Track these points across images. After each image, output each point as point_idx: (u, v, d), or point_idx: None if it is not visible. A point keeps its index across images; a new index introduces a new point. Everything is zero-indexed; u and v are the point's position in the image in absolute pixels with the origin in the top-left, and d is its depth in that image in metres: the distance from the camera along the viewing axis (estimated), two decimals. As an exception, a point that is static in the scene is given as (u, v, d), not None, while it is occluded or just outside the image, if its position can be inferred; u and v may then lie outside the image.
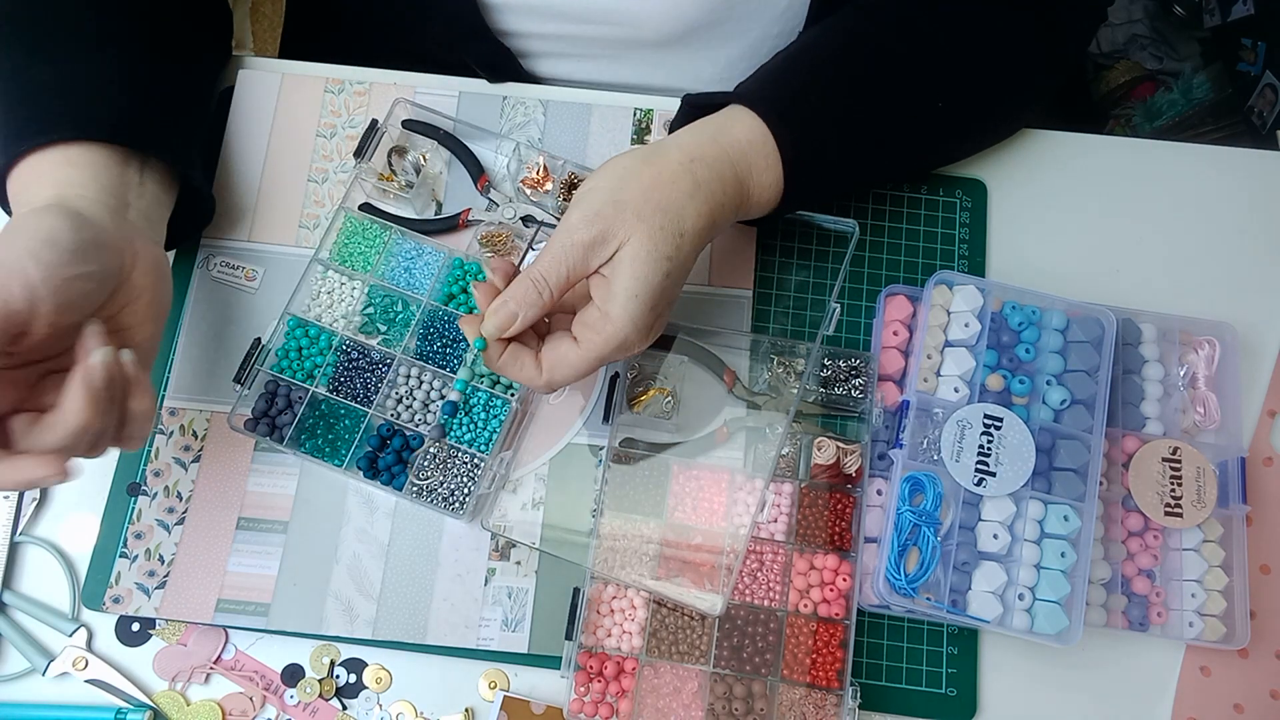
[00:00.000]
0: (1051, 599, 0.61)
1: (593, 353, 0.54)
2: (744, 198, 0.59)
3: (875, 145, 0.66)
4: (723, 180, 0.57)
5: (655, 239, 0.53)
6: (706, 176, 0.56)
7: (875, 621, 0.64)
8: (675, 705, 0.60)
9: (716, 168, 0.57)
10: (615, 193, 0.54)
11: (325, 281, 0.67)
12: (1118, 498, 0.65)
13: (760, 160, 0.59)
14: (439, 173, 0.72)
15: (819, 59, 0.64)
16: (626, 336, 0.54)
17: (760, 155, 0.59)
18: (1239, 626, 0.63)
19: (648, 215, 0.53)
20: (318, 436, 0.64)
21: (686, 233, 0.54)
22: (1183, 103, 1.38)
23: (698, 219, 0.55)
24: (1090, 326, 0.65)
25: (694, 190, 0.55)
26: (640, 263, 0.53)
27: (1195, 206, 0.74)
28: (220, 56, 0.74)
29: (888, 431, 0.66)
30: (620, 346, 0.54)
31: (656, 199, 0.54)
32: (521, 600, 0.63)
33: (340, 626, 0.62)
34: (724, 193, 0.57)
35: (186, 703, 0.61)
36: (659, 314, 0.55)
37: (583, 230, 0.53)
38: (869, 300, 0.71)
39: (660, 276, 0.53)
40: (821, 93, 0.62)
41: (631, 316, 0.53)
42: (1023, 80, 0.70)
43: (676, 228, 0.54)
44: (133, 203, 0.57)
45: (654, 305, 0.54)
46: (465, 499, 0.63)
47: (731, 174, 0.58)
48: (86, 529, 0.64)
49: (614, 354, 0.55)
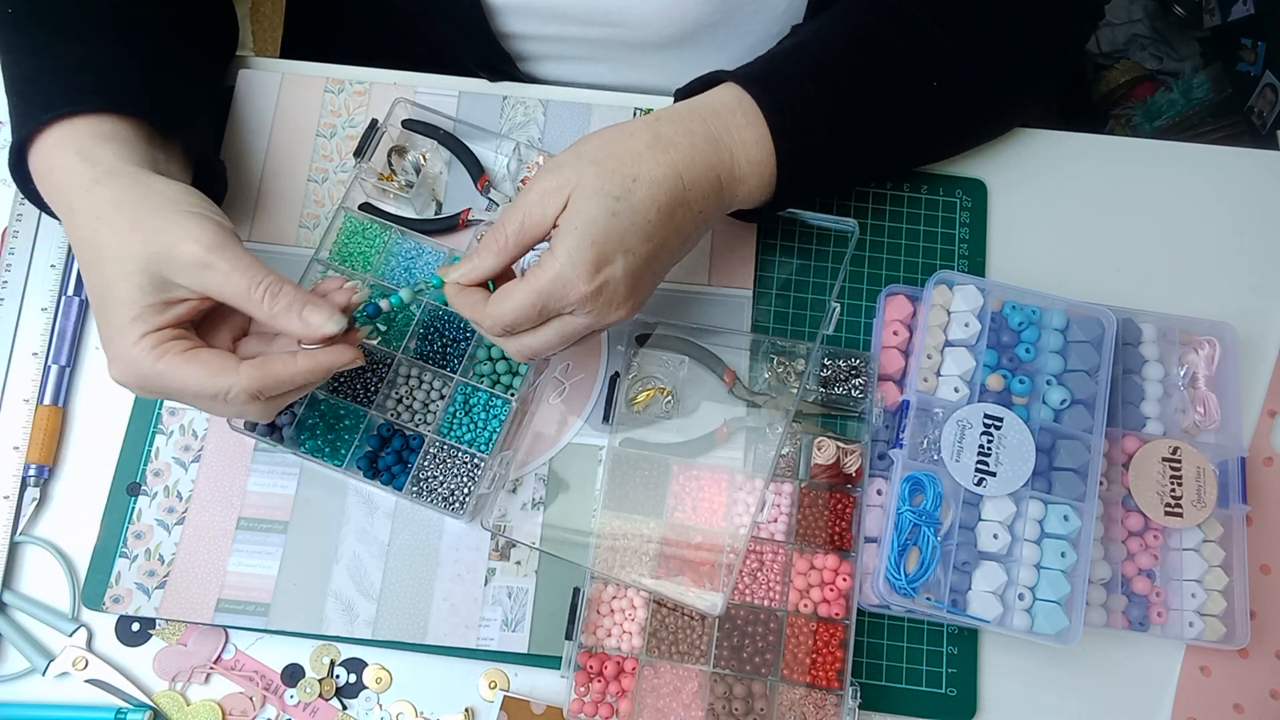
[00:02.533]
0: (1051, 599, 0.61)
1: (529, 284, 0.53)
2: (721, 157, 0.57)
3: (870, 128, 0.64)
4: (690, 134, 0.56)
5: (603, 178, 0.53)
6: (670, 130, 0.56)
7: (875, 621, 0.64)
8: (675, 705, 0.60)
9: (684, 123, 0.57)
10: (575, 146, 0.56)
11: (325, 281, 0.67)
12: (1118, 498, 0.65)
13: (738, 118, 0.58)
14: (439, 173, 0.72)
15: (810, 45, 0.63)
16: (563, 271, 0.52)
17: (737, 113, 0.58)
18: (1239, 626, 0.63)
19: (600, 159, 0.54)
20: (318, 436, 0.64)
21: (641, 178, 0.54)
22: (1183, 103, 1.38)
23: (655, 166, 0.54)
24: (1090, 326, 0.65)
25: (653, 141, 0.55)
26: (583, 199, 0.53)
27: (1195, 206, 0.74)
28: (229, 46, 0.75)
29: (888, 431, 0.66)
30: (558, 281, 0.53)
31: (612, 147, 0.55)
32: (521, 600, 0.63)
33: (340, 626, 0.62)
34: (692, 146, 0.56)
35: (186, 703, 0.61)
36: (605, 259, 0.53)
37: (538, 179, 0.54)
38: (869, 300, 0.71)
39: (605, 215, 0.53)
40: (809, 70, 0.61)
41: (569, 250, 0.52)
42: (1021, 76, 0.70)
43: (629, 171, 0.54)
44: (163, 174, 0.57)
45: (597, 244, 0.52)
46: (465, 499, 0.63)
47: (702, 129, 0.57)
48: (86, 529, 0.64)
49: (554, 290, 0.53)
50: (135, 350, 0.51)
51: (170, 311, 0.52)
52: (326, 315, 0.53)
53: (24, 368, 0.67)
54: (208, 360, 0.52)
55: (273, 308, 0.52)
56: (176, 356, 0.52)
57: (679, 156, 0.55)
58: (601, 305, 0.54)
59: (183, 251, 0.51)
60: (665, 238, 0.55)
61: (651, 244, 0.55)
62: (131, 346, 0.51)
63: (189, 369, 0.52)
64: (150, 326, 0.52)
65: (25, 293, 0.68)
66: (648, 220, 0.54)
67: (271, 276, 0.52)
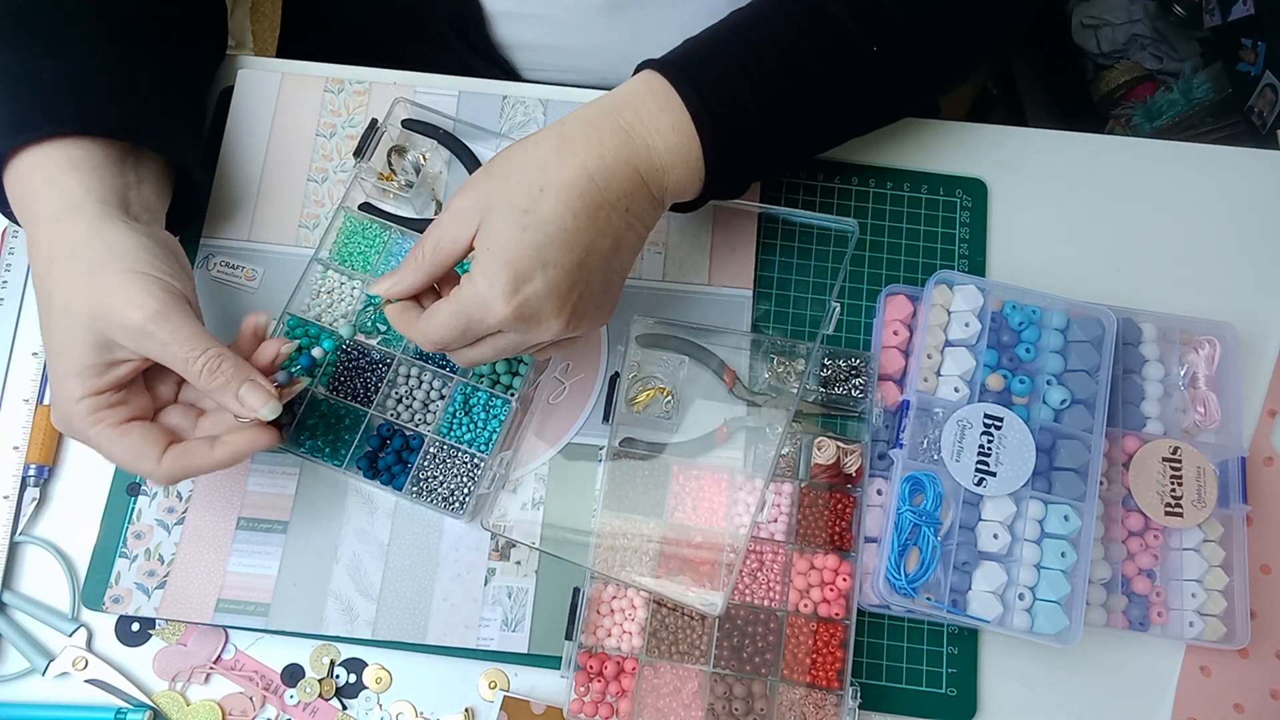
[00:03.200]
0: (1051, 599, 0.61)
1: (451, 305, 0.53)
2: (635, 148, 0.55)
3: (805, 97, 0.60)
4: (598, 130, 0.54)
5: (510, 193, 0.52)
6: (576, 131, 0.54)
7: (875, 621, 0.64)
8: (675, 705, 0.60)
9: (590, 121, 0.55)
10: (488, 162, 0.55)
11: (325, 281, 0.67)
12: (1118, 497, 0.65)
13: (649, 105, 0.56)
14: (439, 172, 0.72)
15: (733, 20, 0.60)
16: (479, 294, 0.52)
17: (648, 101, 0.56)
18: (1239, 626, 0.63)
19: (507, 172, 0.53)
20: (318, 436, 0.64)
21: (548, 185, 0.52)
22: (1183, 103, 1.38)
23: (562, 170, 0.53)
24: (1090, 326, 0.65)
25: (558, 145, 0.54)
26: (493, 216, 0.52)
27: (1195, 206, 0.74)
28: (217, 48, 0.74)
29: (888, 431, 0.66)
30: (476, 304, 0.52)
31: (518, 158, 0.54)
32: (521, 600, 0.63)
33: (340, 626, 0.62)
34: (600, 144, 0.54)
35: (186, 703, 0.61)
36: (523, 276, 0.51)
37: (452, 200, 0.54)
38: (869, 300, 0.71)
39: (515, 231, 0.51)
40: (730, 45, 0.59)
41: (484, 270, 0.52)
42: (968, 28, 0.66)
43: (535, 181, 0.52)
44: (134, 200, 0.57)
45: (510, 263, 0.51)
46: (465, 499, 0.63)
47: (609, 123, 0.55)
48: (86, 529, 0.64)
49: (473, 311, 0.52)
50: (73, 409, 0.53)
51: (111, 373, 0.53)
52: (263, 399, 0.54)
53: (24, 368, 0.67)
54: (135, 443, 0.53)
55: (209, 383, 0.53)
56: (109, 428, 0.53)
57: (587, 156, 0.53)
58: (528, 323, 0.53)
59: (123, 316, 0.51)
60: (590, 242, 0.53)
61: (574, 252, 0.53)
62: (71, 404, 0.53)
63: (116, 445, 0.53)
64: (89, 390, 0.52)
65: (25, 293, 0.69)
66: (563, 229, 0.52)
67: (211, 350, 0.53)
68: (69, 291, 0.52)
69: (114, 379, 0.53)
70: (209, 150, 0.72)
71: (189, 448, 0.54)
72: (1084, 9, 1.47)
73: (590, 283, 0.54)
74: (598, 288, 0.55)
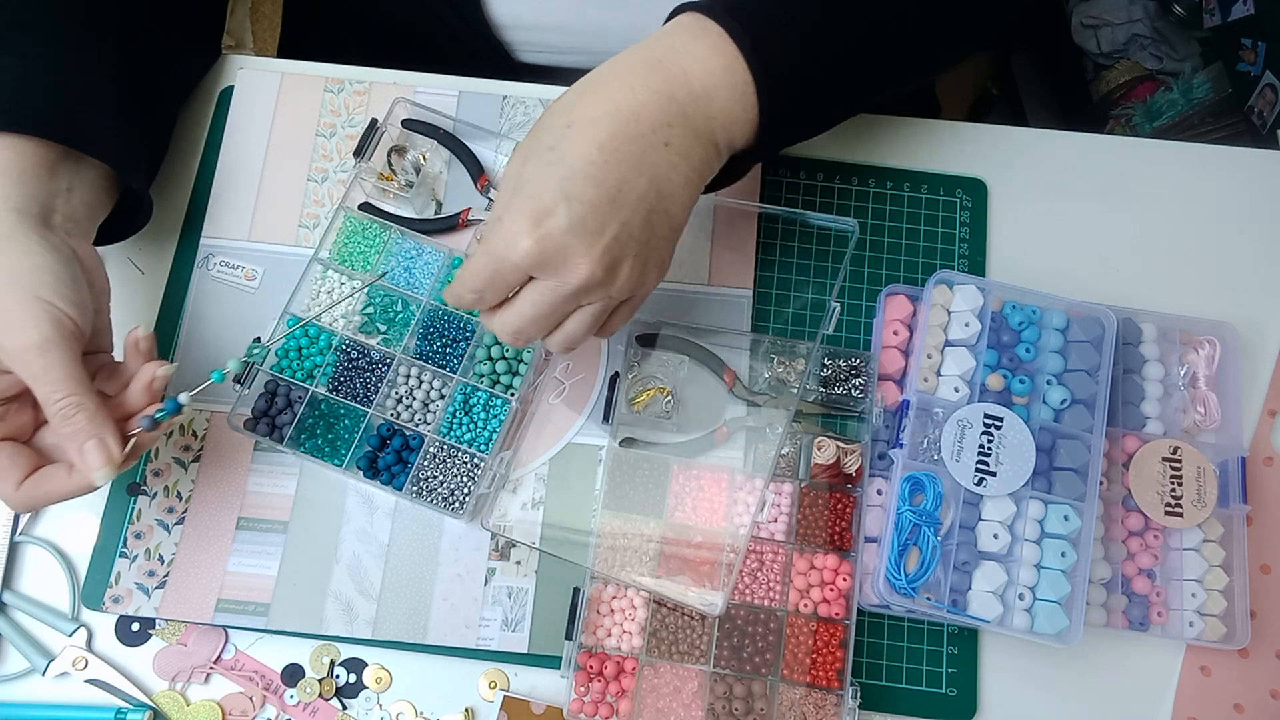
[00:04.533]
0: (1051, 599, 0.61)
1: (481, 247, 0.52)
2: (669, 75, 0.52)
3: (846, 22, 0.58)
4: (628, 66, 0.53)
5: (537, 132, 0.52)
6: (605, 71, 0.53)
7: (875, 621, 0.64)
8: (675, 705, 0.60)
9: (620, 61, 0.53)
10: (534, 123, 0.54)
11: (325, 281, 0.67)
12: (1118, 497, 0.65)
13: (681, 36, 0.54)
14: (439, 172, 0.72)
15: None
16: (503, 229, 0.50)
17: (680, 33, 0.54)
18: (1239, 626, 0.63)
19: (540, 121, 0.52)
20: (318, 436, 0.64)
21: (575, 122, 0.51)
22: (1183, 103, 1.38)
23: (588, 107, 0.51)
24: (1090, 326, 0.65)
25: (584, 87, 0.52)
26: (526, 161, 0.51)
27: (1195, 206, 0.74)
28: (205, 47, 0.74)
29: (888, 431, 0.66)
30: (500, 241, 0.50)
31: (552, 107, 0.53)
32: (521, 600, 0.63)
33: (340, 626, 0.62)
34: (632, 75, 0.52)
35: (186, 703, 0.61)
36: (545, 209, 0.49)
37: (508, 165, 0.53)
38: (869, 300, 0.71)
39: (539, 165, 0.50)
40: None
41: (504, 203, 0.51)
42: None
43: (562, 119, 0.51)
44: (58, 208, 0.56)
45: (532, 193, 0.50)
46: (465, 499, 0.63)
47: (636, 58, 0.53)
48: (86, 529, 0.64)
49: (497, 249, 0.51)
50: None
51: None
52: (100, 461, 0.52)
53: (24, 368, 0.67)
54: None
55: (60, 427, 0.52)
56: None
57: (615, 91, 0.51)
58: (554, 263, 0.50)
59: (1, 340, 0.51)
60: (622, 178, 0.50)
61: (603, 188, 0.50)
62: None
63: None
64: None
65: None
66: (589, 162, 0.50)
67: (73, 396, 0.51)
68: None
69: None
70: (209, 150, 0.72)
71: (47, 474, 0.53)
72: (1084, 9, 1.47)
73: (627, 223, 0.51)
74: (637, 231, 0.51)
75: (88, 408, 0.51)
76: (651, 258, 0.53)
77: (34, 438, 0.56)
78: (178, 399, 0.56)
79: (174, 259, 0.69)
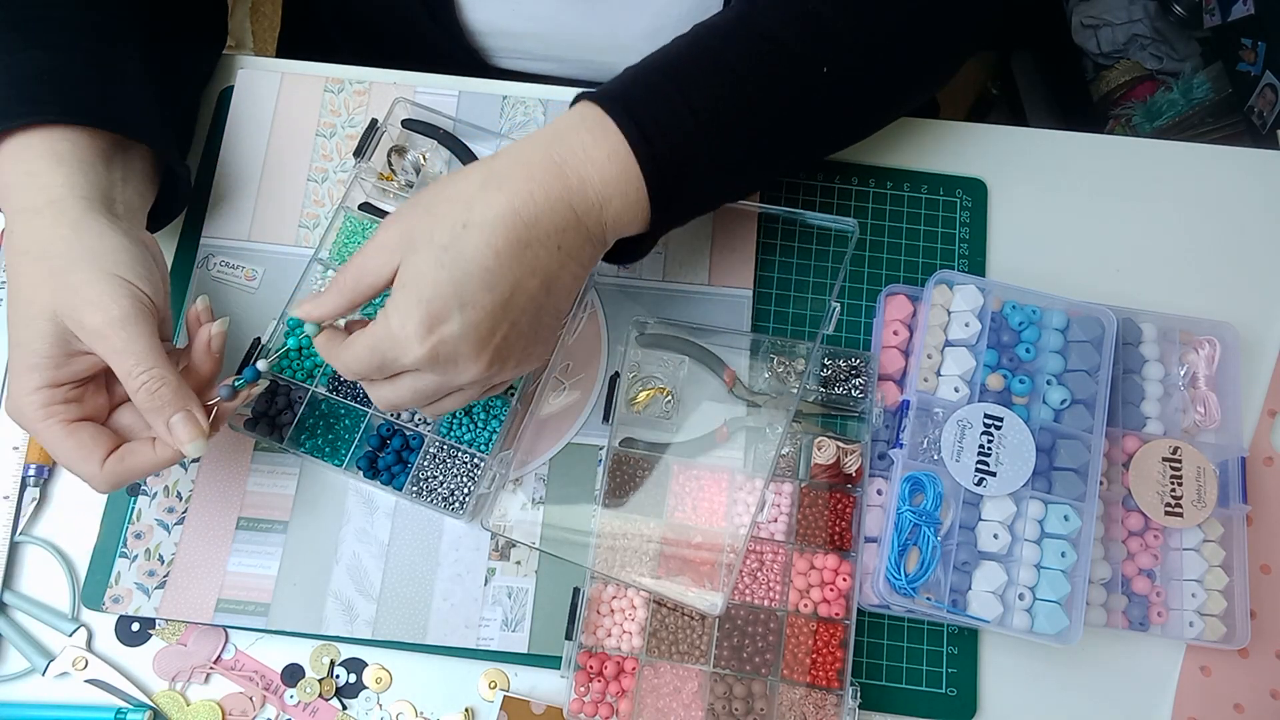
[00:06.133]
0: (1051, 599, 0.61)
1: (366, 337, 0.52)
2: (568, 183, 0.53)
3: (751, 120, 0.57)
4: (528, 165, 0.52)
5: (433, 228, 0.51)
6: (505, 165, 0.53)
7: (875, 621, 0.64)
8: (675, 705, 0.60)
9: (521, 156, 0.53)
10: (416, 194, 0.54)
11: (325, 281, 0.67)
12: (1118, 497, 0.65)
13: (583, 135, 0.54)
14: (439, 172, 0.72)
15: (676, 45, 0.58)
16: (393, 331, 0.50)
17: (582, 131, 0.54)
18: (1239, 626, 0.63)
19: (433, 206, 0.52)
20: (318, 436, 0.64)
21: (471, 223, 0.50)
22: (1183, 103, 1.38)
23: (487, 208, 0.50)
24: (1090, 326, 0.65)
25: (486, 180, 0.52)
26: (414, 251, 0.50)
27: (1195, 206, 0.74)
28: (215, 41, 0.74)
29: (888, 431, 0.66)
30: (390, 340, 0.51)
31: (446, 191, 0.52)
32: (521, 600, 0.63)
33: (340, 626, 0.62)
34: (529, 179, 0.52)
35: (186, 703, 0.61)
36: (439, 316, 0.50)
37: (378, 232, 0.53)
38: (869, 300, 0.71)
39: (433, 268, 0.50)
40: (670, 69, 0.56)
41: (398, 308, 0.50)
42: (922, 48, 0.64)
43: (459, 216, 0.50)
44: (118, 197, 0.57)
45: (425, 301, 0.50)
46: (465, 499, 0.63)
47: (540, 158, 0.53)
48: (86, 529, 0.64)
49: (387, 349, 0.51)
50: (26, 401, 0.52)
51: (69, 366, 0.53)
52: (190, 435, 0.53)
53: (24, 368, 0.67)
54: (82, 442, 0.53)
55: (146, 403, 0.52)
56: (59, 425, 0.52)
57: (515, 193, 0.51)
58: (444, 365, 0.51)
59: (83, 315, 0.51)
60: (516, 282, 0.51)
61: (496, 292, 0.50)
62: (25, 395, 0.52)
63: (63, 444, 0.53)
64: (45, 382, 0.52)
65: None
66: (484, 268, 0.50)
67: (156, 369, 0.51)
68: (36, 284, 0.52)
69: (71, 374, 0.53)
70: (209, 150, 0.72)
71: (131, 449, 0.54)
72: (1084, 9, 1.47)
73: (516, 323, 0.52)
74: (526, 329, 0.53)
75: (171, 381, 0.52)
76: (535, 346, 0.55)
77: (110, 418, 0.56)
78: (256, 366, 0.57)
79: (174, 259, 0.69)
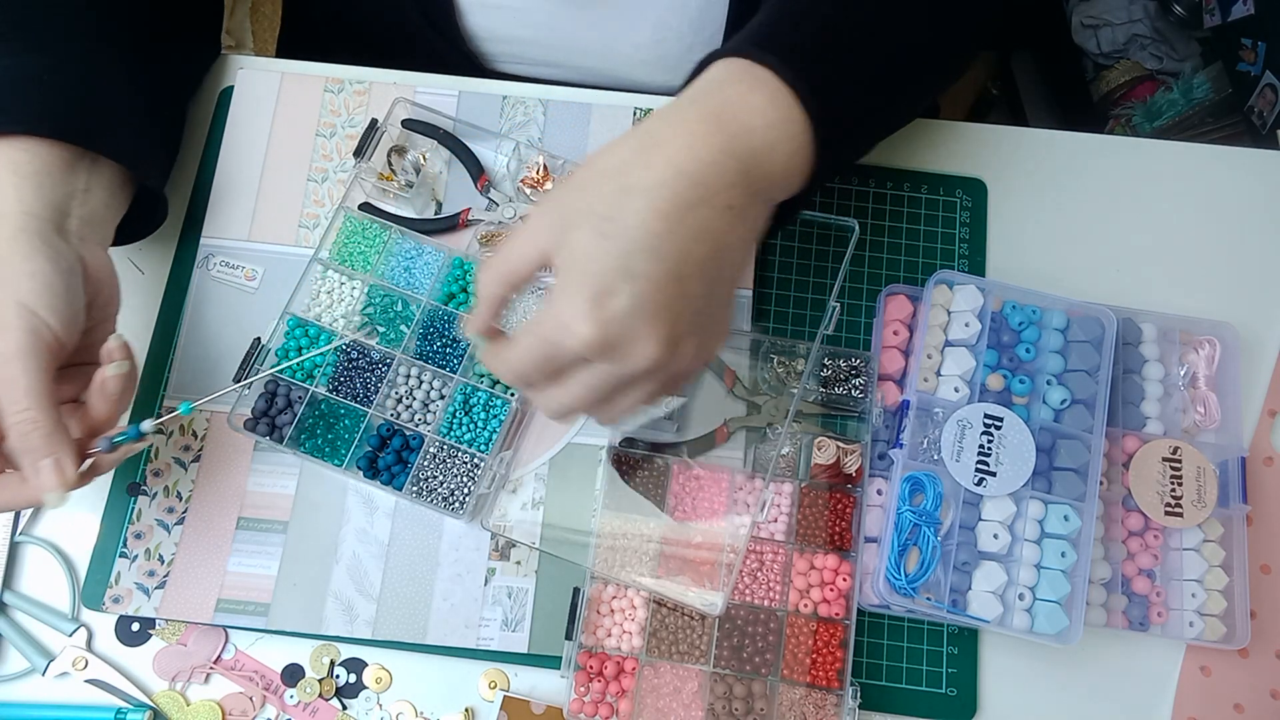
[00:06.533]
0: (1051, 599, 0.61)
1: (531, 330, 0.47)
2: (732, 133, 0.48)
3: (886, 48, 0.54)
4: (684, 122, 0.48)
5: (590, 198, 0.46)
6: (659, 126, 0.48)
7: (875, 621, 0.64)
8: (675, 705, 0.60)
9: (674, 114, 0.48)
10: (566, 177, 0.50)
11: (325, 281, 0.67)
12: (1118, 497, 0.65)
13: (738, 86, 0.49)
14: (439, 172, 0.72)
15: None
16: (558, 314, 0.45)
17: (732, 82, 0.49)
18: (1239, 626, 0.63)
19: (586, 180, 0.47)
20: (318, 436, 0.64)
21: (633, 187, 0.45)
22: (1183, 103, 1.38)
23: (648, 171, 0.45)
24: (1090, 326, 0.65)
25: (641, 144, 0.47)
26: (573, 229, 0.46)
27: (1195, 206, 0.74)
28: (205, 50, 0.74)
29: (888, 431, 0.66)
30: (555, 326, 0.46)
31: (599, 164, 0.47)
32: (521, 600, 0.63)
33: (340, 626, 0.62)
34: (691, 135, 0.47)
35: (186, 703, 0.61)
36: (606, 291, 0.44)
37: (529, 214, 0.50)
38: (869, 300, 0.71)
39: (595, 240, 0.45)
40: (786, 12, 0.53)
41: (562, 288, 0.45)
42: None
43: (617, 183, 0.46)
44: (74, 211, 0.55)
45: (589, 277, 0.45)
46: (465, 499, 0.63)
47: (697, 113, 0.48)
48: (86, 529, 0.64)
49: (552, 335, 0.46)
50: None
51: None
52: (52, 484, 0.51)
53: (24, 368, 0.66)
54: None
55: (17, 443, 0.50)
56: None
57: (676, 151, 0.46)
58: (617, 348, 0.45)
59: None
60: (685, 249, 0.45)
61: (666, 262, 0.45)
62: None
63: None
64: None
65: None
66: (651, 233, 0.45)
67: (32, 412, 0.49)
68: None
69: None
70: (209, 150, 0.72)
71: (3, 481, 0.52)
72: (1084, 9, 1.47)
73: (690, 298, 0.46)
74: (700, 304, 0.47)
75: (44, 426, 0.50)
76: (712, 327, 0.50)
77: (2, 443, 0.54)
78: (140, 425, 0.54)
79: (174, 259, 0.69)
